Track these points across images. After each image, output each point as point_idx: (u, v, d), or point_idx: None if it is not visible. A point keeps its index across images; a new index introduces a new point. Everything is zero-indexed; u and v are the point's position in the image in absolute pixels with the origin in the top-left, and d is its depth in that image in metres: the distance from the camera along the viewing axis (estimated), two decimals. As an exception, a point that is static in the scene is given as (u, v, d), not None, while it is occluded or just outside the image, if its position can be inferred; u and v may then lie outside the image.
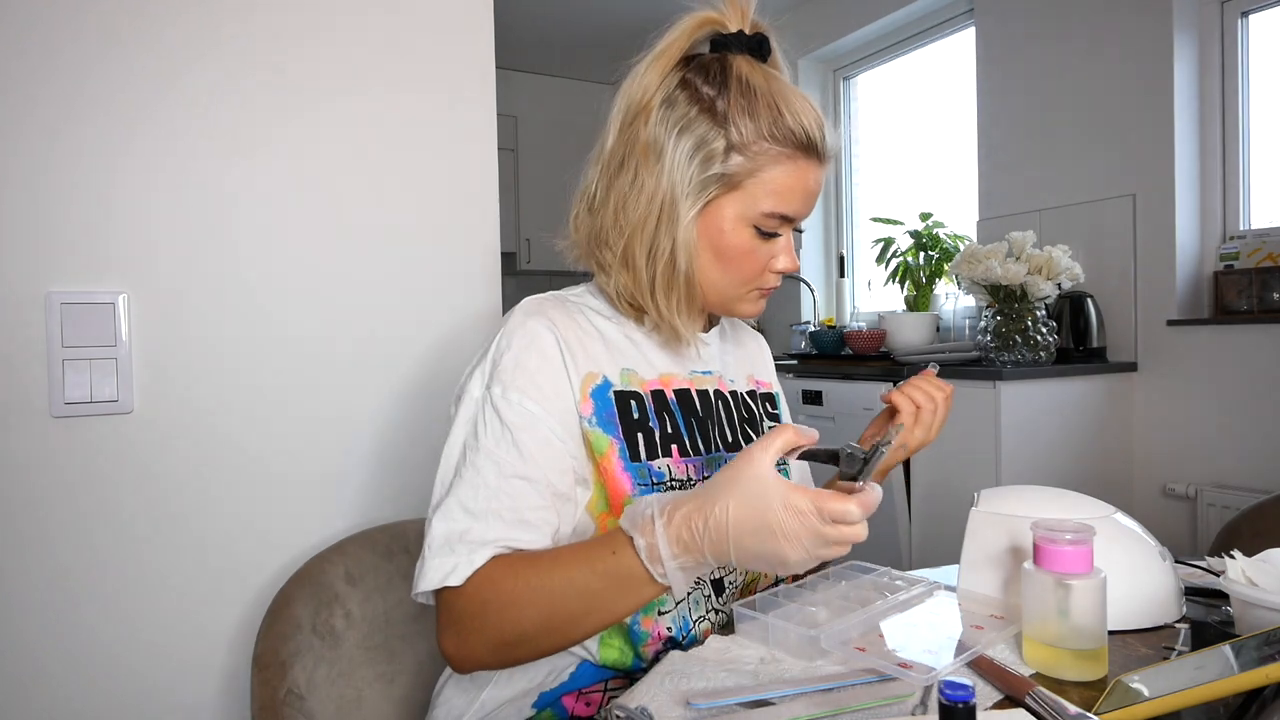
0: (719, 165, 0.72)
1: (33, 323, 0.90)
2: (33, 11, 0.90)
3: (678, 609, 0.74)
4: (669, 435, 0.76)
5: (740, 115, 0.71)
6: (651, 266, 0.75)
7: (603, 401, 0.73)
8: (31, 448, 0.91)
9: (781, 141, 0.72)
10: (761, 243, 0.75)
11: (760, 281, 0.78)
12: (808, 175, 0.74)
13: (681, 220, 0.72)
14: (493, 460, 0.68)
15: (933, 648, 0.62)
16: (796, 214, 0.75)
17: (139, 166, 0.96)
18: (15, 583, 0.90)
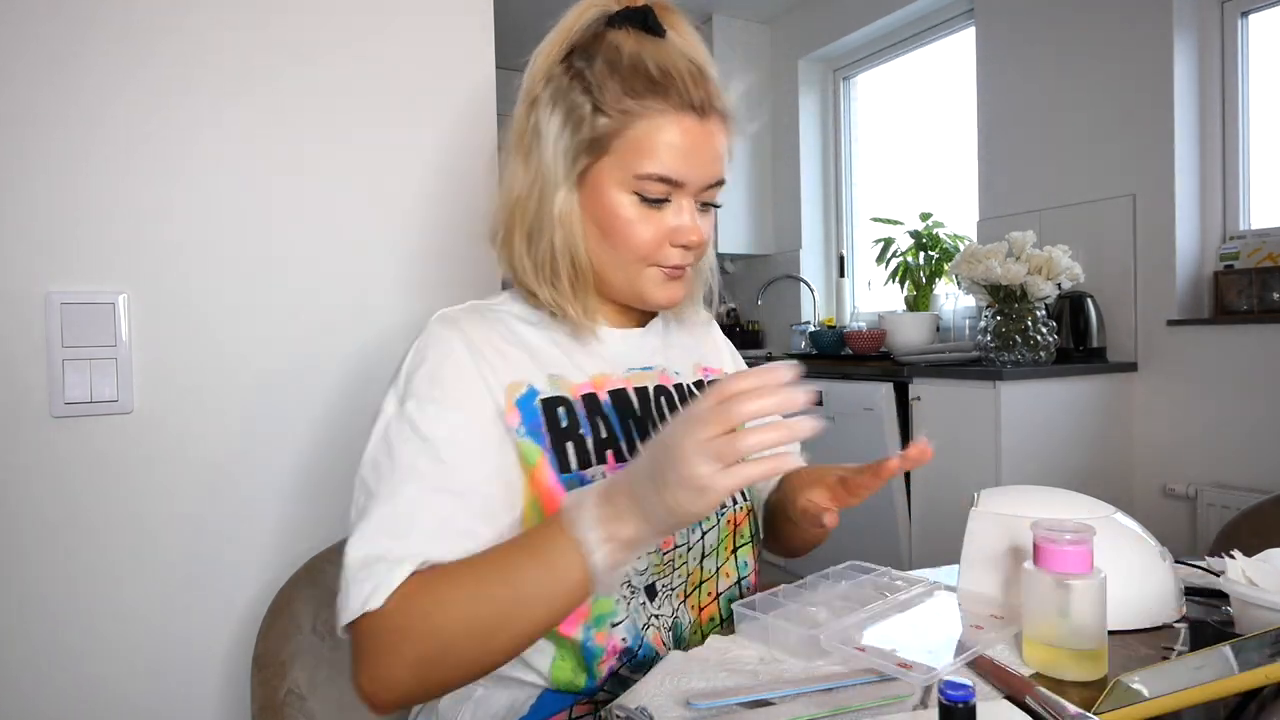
0: (587, 129, 0.69)
1: (33, 323, 0.90)
2: (33, 12, 0.90)
3: (629, 619, 0.71)
4: (603, 441, 0.72)
5: (605, 78, 0.69)
6: (535, 249, 0.73)
7: (528, 411, 0.70)
8: (31, 448, 0.91)
9: (646, 96, 0.68)
10: (651, 211, 0.71)
11: (659, 257, 0.72)
12: (685, 130, 0.69)
13: (558, 194, 0.71)
14: (412, 475, 0.63)
15: (933, 648, 0.62)
16: (679, 174, 0.69)
17: (139, 166, 0.96)
18: (15, 582, 0.90)
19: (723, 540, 0.80)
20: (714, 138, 0.72)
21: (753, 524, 0.85)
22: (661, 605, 0.74)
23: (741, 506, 0.82)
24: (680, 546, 0.75)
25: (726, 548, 0.80)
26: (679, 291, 0.76)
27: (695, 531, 0.76)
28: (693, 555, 0.76)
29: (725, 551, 0.80)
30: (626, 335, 0.80)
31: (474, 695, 0.72)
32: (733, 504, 0.81)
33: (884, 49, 3.27)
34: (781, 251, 3.66)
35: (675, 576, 0.75)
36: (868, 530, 2.36)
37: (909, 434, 2.26)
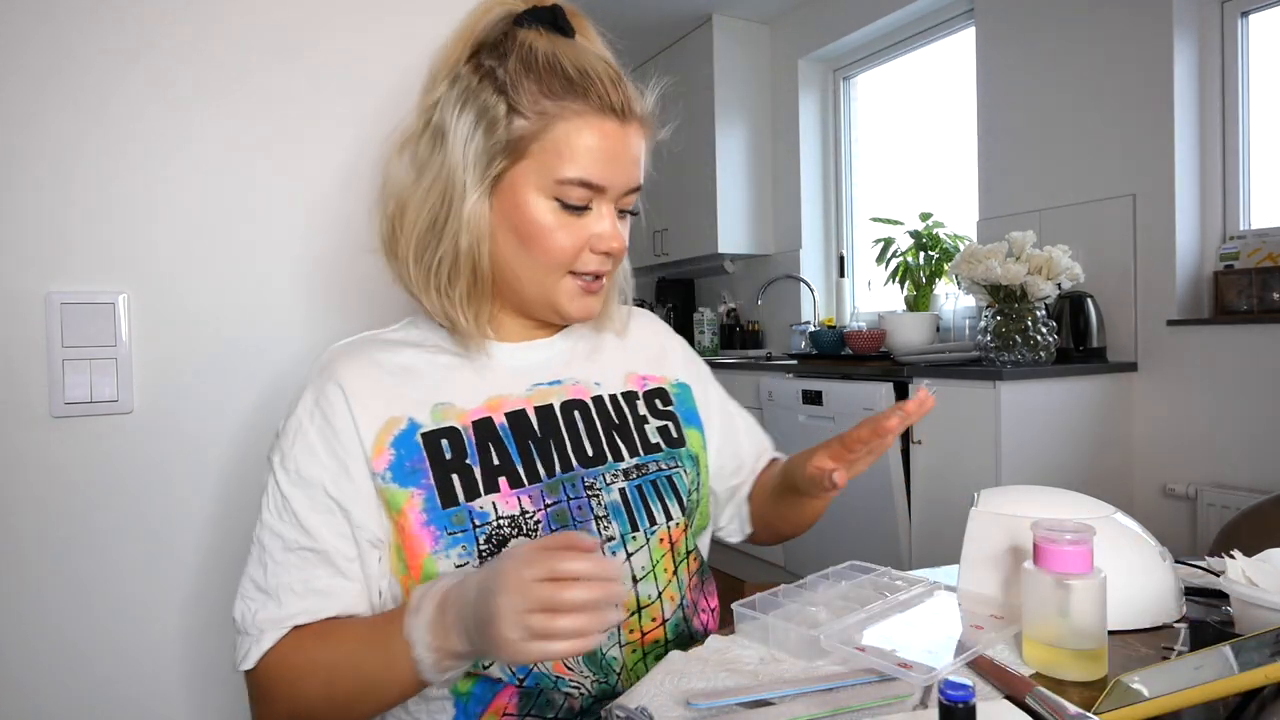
0: (502, 131, 0.66)
1: (33, 323, 0.90)
2: (33, 13, 0.90)
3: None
4: (495, 468, 0.69)
5: (521, 77, 0.66)
6: (427, 255, 0.69)
7: (407, 449, 0.68)
8: (31, 448, 0.91)
9: (565, 97, 0.66)
10: (571, 218, 0.68)
11: (577, 265, 0.70)
12: (605, 134, 0.67)
13: (468, 199, 0.67)
14: (275, 534, 0.67)
15: (933, 648, 0.62)
16: (601, 180, 0.67)
17: (139, 166, 0.96)
18: (15, 582, 0.90)
19: (658, 561, 0.75)
20: (634, 142, 0.70)
21: (693, 536, 0.80)
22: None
23: (678, 523, 0.77)
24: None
25: (665, 569, 0.75)
26: (594, 305, 0.74)
27: (618, 553, 0.72)
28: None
29: (665, 573, 0.75)
30: (530, 348, 0.77)
31: None
32: (665, 519, 0.75)
33: (884, 49, 3.27)
34: (781, 251, 3.66)
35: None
36: (868, 530, 2.36)
37: (909, 434, 2.26)
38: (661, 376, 0.85)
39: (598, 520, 0.71)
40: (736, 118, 3.63)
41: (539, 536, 0.68)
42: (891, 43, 3.22)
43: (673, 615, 0.75)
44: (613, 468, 0.75)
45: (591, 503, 0.72)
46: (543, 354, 0.78)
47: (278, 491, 0.68)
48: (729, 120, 3.61)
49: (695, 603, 0.80)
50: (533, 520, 0.69)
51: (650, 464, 0.77)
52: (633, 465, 0.76)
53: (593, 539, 0.58)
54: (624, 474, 0.75)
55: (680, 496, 0.78)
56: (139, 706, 0.97)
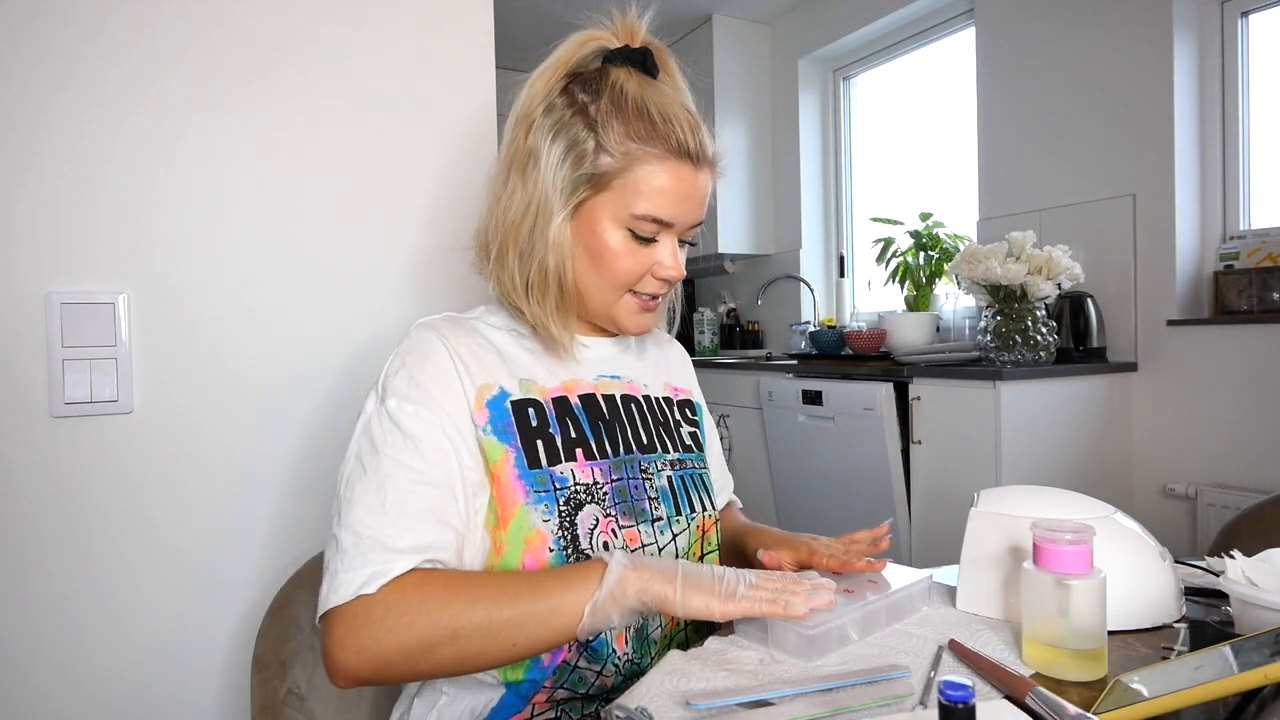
0: (589, 165, 0.73)
1: (33, 323, 0.90)
2: (33, 12, 0.90)
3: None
4: (573, 440, 0.76)
5: (610, 118, 0.72)
6: (525, 268, 0.76)
7: (499, 411, 0.73)
8: (31, 448, 0.91)
9: (648, 142, 0.72)
10: (639, 247, 0.75)
11: (640, 285, 0.77)
12: (680, 178, 0.74)
13: (553, 220, 0.74)
14: (398, 465, 0.68)
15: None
16: (671, 218, 0.74)
17: (139, 166, 0.96)
18: (15, 582, 0.90)
19: (692, 544, 0.82)
20: (703, 184, 0.76)
21: (718, 534, 0.87)
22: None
23: (710, 514, 0.85)
24: (649, 546, 0.77)
25: (695, 554, 0.82)
26: (650, 322, 0.81)
27: (665, 533, 0.78)
28: (666, 556, 0.78)
29: (693, 557, 0.82)
30: (597, 344, 0.84)
31: (438, 702, 0.74)
32: (701, 510, 0.83)
33: (884, 49, 3.27)
34: (781, 251, 3.66)
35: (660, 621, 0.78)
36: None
37: (909, 434, 2.26)
38: (689, 391, 0.95)
39: (650, 501, 0.79)
40: (736, 118, 3.63)
41: (605, 506, 0.75)
42: (891, 43, 3.22)
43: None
44: (661, 457, 0.83)
45: (645, 484, 0.79)
46: (605, 350, 0.85)
47: (395, 429, 0.69)
48: (729, 120, 3.61)
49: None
50: (602, 491, 0.75)
51: (688, 460, 0.86)
52: (676, 458, 0.84)
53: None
54: (670, 464, 0.83)
55: (709, 494, 0.86)
56: (139, 702, 0.97)
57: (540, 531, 0.70)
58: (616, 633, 0.74)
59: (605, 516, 0.74)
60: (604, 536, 0.73)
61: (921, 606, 0.74)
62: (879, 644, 0.66)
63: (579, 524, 0.72)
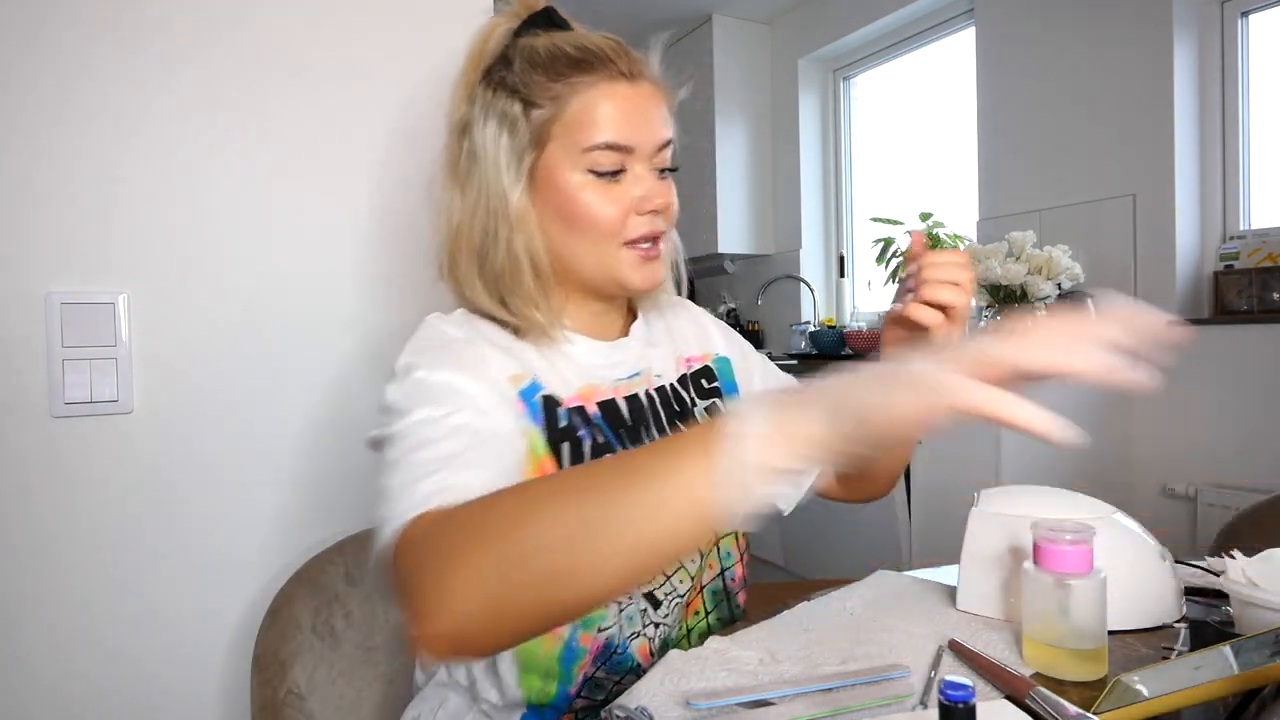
0: (524, 127, 0.69)
1: (33, 323, 0.90)
2: (33, 12, 0.90)
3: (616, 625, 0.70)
4: (599, 446, 0.71)
5: (528, 75, 0.69)
6: (487, 267, 0.71)
7: (532, 404, 0.69)
8: (31, 448, 0.91)
9: (572, 76, 0.68)
10: (608, 186, 0.69)
11: (627, 231, 0.70)
12: (619, 96, 0.68)
13: (509, 198, 0.70)
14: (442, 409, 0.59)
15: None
16: (626, 139, 0.68)
17: (139, 166, 0.96)
18: (15, 582, 0.90)
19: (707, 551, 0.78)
20: (650, 99, 0.71)
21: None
22: (669, 614, 0.73)
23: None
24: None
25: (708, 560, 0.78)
26: (658, 271, 0.74)
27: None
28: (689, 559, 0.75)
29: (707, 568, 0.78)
30: (611, 348, 0.78)
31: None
32: None
33: (884, 49, 3.27)
34: (781, 251, 3.65)
35: (677, 581, 0.74)
36: (868, 530, 2.36)
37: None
38: (704, 355, 0.87)
39: None
40: (736, 118, 3.63)
41: None
42: (891, 43, 3.22)
43: (710, 583, 0.78)
44: None
45: None
46: (617, 353, 0.79)
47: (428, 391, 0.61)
48: (729, 120, 3.61)
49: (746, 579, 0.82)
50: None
51: None
52: None
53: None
54: None
55: None
56: (139, 702, 0.97)
57: None
58: (640, 644, 0.71)
59: None
60: None
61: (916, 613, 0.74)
62: (879, 644, 0.66)
63: None
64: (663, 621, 0.73)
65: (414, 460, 0.56)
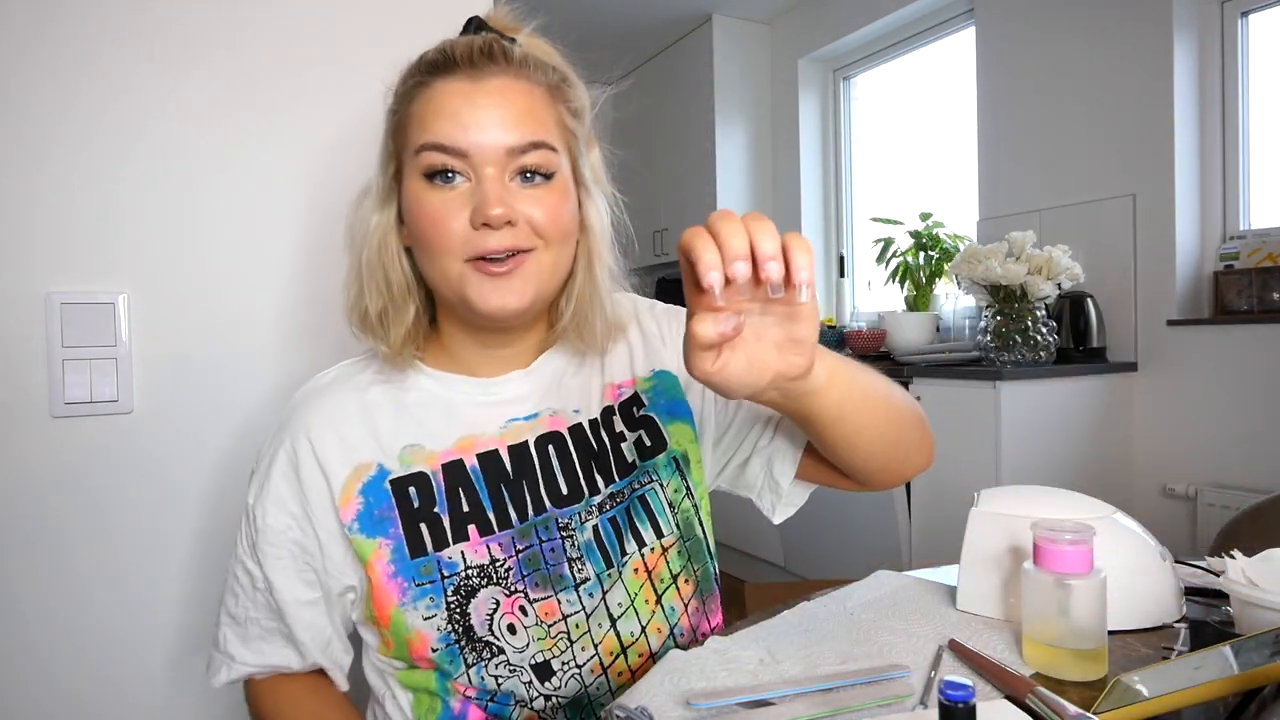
0: (386, 138, 0.68)
1: (33, 323, 0.90)
2: (34, 13, 0.90)
3: (490, 695, 0.67)
4: (464, 515, 0.66)
5: (398, 83, 0.67)
6: (349, 294, 0.70)
7: (376, 496, 0.66)
8: (31, 448, 0.91)
9: (409, 77, 0.65)
10: (445, 194, 0.62)
11: (465, 247, 0.62)
12: (451, 93, 0.62)
13: (372, 215, 0.68)
14: (246, 571, 0.70)
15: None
16: (454, 139, 0.61)
17: (139, 166, 0.96)
18: (15, 582, 0.90)
19: (636, 594, 0.70)
20: (495, 96, 0.62)
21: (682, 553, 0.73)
22: (563, 684, 0.67)
23: (651, 549, 0.71)
24: (573, 615, 0.67)
25: (646, 600, 0.71)
26: (505, 295, 0.63)
27: (593, 595, 0.68)
28: (596, 621, 0.68)
29: (646, 606, 0.71)
30: (503, 383, 0.71)
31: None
32: (637, 548, 0.71)
33: (884, 49, 3.27)
34: (781, 251, 3.65)
35: (578, 649, 0.68)
36: (867, 530, 2.36)
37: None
38: (633, 379, 0.76)
39: (571, 563, 0.68)
40: (736, 118, 3.63)
41: (510, 584, 0.67)
42: (891, 43, 3.22)
43: (661, 648, 0.71)
44: (588, 503, 0.70)
45: (565, 544, 0.68)
46: (514, 386, 0.72)
47: (251, 528, 0.69)
48: (729, 120, 3.61)
49: (695, 627, 0.74)
50: (503, 568, 0.67)
51: (625, 489, 0.72)
52: (607, 496, 0.71)
53: None
54: (598, 508, 0.70)
55: (655, 518, 0.72)
56: (138, 703, 0.97)
57: (420, 633, 0.65)
58: (525, 714, 0.67)
59: (510, 595, 0.66)
60: (509, 619, 0.66)
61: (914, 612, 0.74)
62: (879, 644, 0.66)
63: (472, 612, 0.65)
64: (554, 694, 0.67)
65: (229, 613, 0.73)
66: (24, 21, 0.89)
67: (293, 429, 0.69)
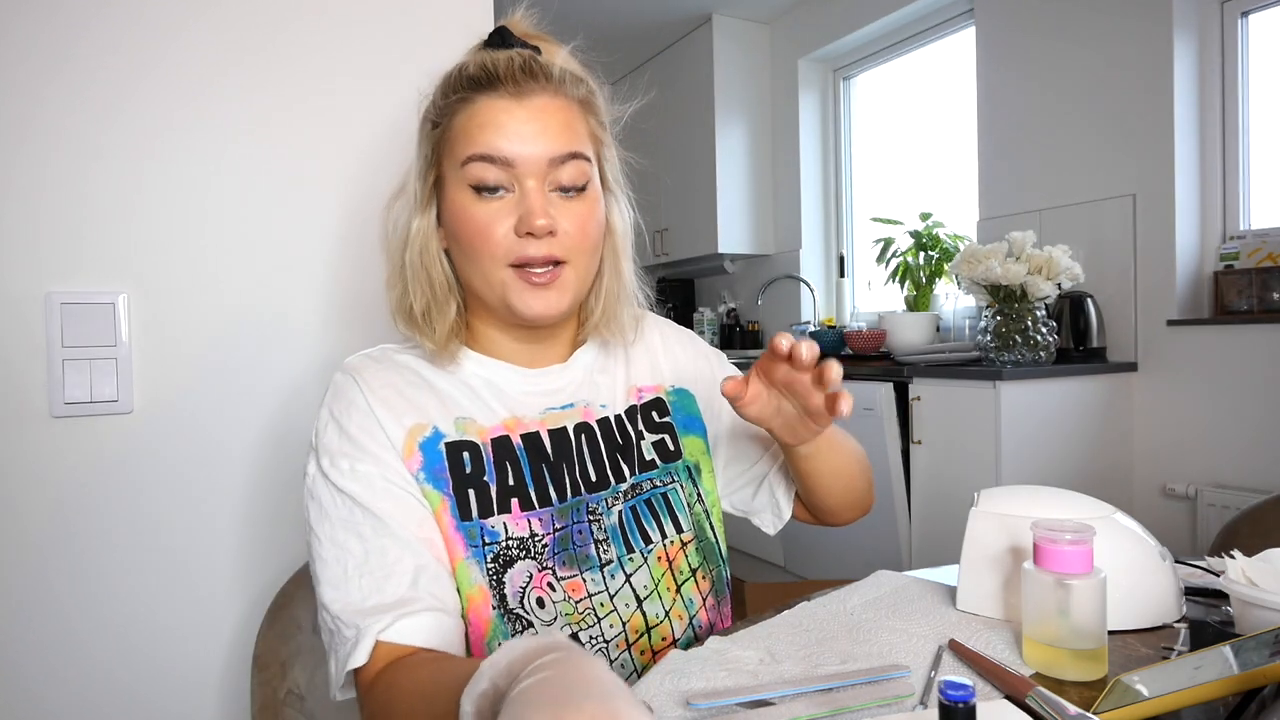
0: (426, 144, 0.71)
1: (33, 323, 0.90)
2: (35, 14, 0.90)
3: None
4: (509, 488, 0.69)
5: (438, 95, 0.71)
6: (395, 290, 0.72)
7: (432, 455, 0.68)
8: (31, 448, 0.91)
9: (451, 92, 0.68)
10: (491, 204, 0.67)
11: (508, 253, 0.67)
12: (495, 110, 0.67)
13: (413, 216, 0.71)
14: (350, 530, 0.64)
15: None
16: (501, 151, 0.66)
17: (139, 167, 0.96)
18: (16, 582, 0.90)
19: (659, 580, 0.74)
20: (543, 113, 0.67)
21: (699, 551, 0.78)
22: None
23: (673, 540, 0.76)
24: (598, 594, 0.71)
25: (668, 588, 0.75)
26: (549, 301, 0.69)
27: (616, 576, 0.72)
28: (622, 601, 0.72)
29: (669, 593, 0.75)
30: (540, 376, 0.76)
31: None
32: (660, 538, 0.76)
33: (884, 49, 3.27)
34: (781, 251, 3.66)
35: (606, 625, 0.70)
36: (867, 530, 2.36)
37: (909, 434, 2.26)
38: (658, 385, 0.83)
39: (597, 544, 0.72)
40: (736, 118, 3.63)
41: (544, 559, 0.69)
42: (891, 43, 3.22)
43: (683, 634, 0.75)
44: (614, 491, 0.75)
45: (592, 527, 0.72)
46: (551, 380, 0.77)
47: (338, 491, 0.65)
48: (729, 120, 3.61)
49: (712, 623, 0.78)
50: (540, 543, 0.69)
51: (645, 482, 0.77)
52: (630, 485, 0.76)
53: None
54: (623, 495, 0.75)
55: (675, 513, 0.78)
56: (139, 702, 0.97)
57: (481, 588, 0.66)
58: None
59: (541, 570, 0.68)
60: (537, 593, 0.68)
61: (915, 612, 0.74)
62: (879, 644, 0.66)
63: (507, 582, 0.67)
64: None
65: (335, 599, 0.62)
66: (26, 23, 0.89)
67: (347, 386, 0.70)
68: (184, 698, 0.99)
